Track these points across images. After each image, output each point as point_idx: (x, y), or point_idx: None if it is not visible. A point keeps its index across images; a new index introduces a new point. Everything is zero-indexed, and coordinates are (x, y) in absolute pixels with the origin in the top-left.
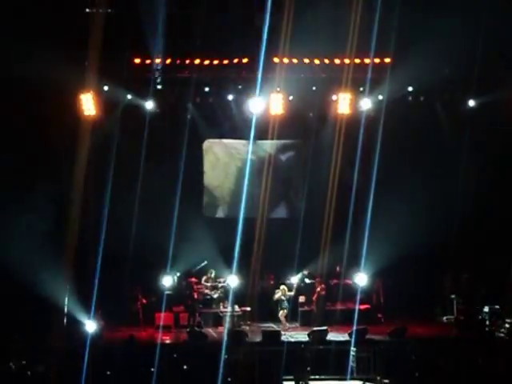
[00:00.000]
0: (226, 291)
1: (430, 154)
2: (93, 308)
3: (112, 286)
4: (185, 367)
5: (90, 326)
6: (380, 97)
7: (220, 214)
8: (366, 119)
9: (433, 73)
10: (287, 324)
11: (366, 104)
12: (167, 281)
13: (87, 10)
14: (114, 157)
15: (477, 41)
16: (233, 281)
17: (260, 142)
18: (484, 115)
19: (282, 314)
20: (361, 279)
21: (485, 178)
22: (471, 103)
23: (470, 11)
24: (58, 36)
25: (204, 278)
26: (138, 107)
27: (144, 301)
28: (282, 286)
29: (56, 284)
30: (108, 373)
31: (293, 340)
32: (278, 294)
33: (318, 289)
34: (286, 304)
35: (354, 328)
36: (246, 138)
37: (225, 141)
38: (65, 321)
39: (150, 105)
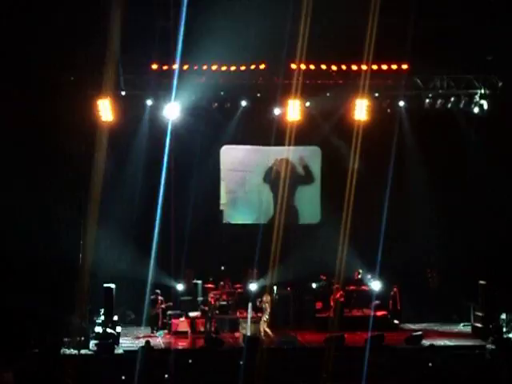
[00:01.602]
0: (242, 297)
1: (448, 159)
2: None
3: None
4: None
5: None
6: (400, 103)
7: (239, 220)
8: (384, 125)
9: (450, 77)
10: (270, 333)
11: (383, 110)
12: (183, 287)
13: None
14: (130, 162)
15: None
16: (252, 287)
17: (277, 147)
18: (502, 119)
19: (262, 323)
20: (377, 285)
21: (503, 182)
22: (487, 107)
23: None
24: (75, 40)
25: (221, 284)
26: (154, 113)
27: (163, 306)
28: (265, 295)
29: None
30: (123, 377)
31: (309, 346)
32: (261, 303)
33: (337, 295)
34: (267, 313)
35: (371, 334)
36: (263, 143)
37: (242, 147)
38: (82, 324)
39: (166, 110)
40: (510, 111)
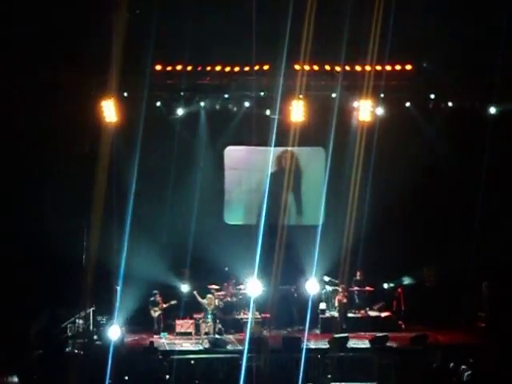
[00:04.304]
0: (246, 298)
1: (451, 160)
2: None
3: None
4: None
5: (114, 332)
6: (405, 104)
7: (243, 221)
8: (386, 126)
9: (454, 79)
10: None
11: (387, 111)
12: (185, 287)
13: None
14: (134, 164)
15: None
16: (254, 287)
17: (280, 148)
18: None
19: (204, 327)
20: (382, 286)
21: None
22: (493, 110)
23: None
24: (79, 40)
25: (224, 285)
26: (158, 114)
27: (164, 306)
28: (209, 296)
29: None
30: (126, 378)
31: (313, 347)
32: (208, 306)
33: (340, 296)
34: (209, 316)
35: (375, 335)
36: (267, 144)
37: (245, 147)
38: (87, 327)
39: (170, 112)
40: None
